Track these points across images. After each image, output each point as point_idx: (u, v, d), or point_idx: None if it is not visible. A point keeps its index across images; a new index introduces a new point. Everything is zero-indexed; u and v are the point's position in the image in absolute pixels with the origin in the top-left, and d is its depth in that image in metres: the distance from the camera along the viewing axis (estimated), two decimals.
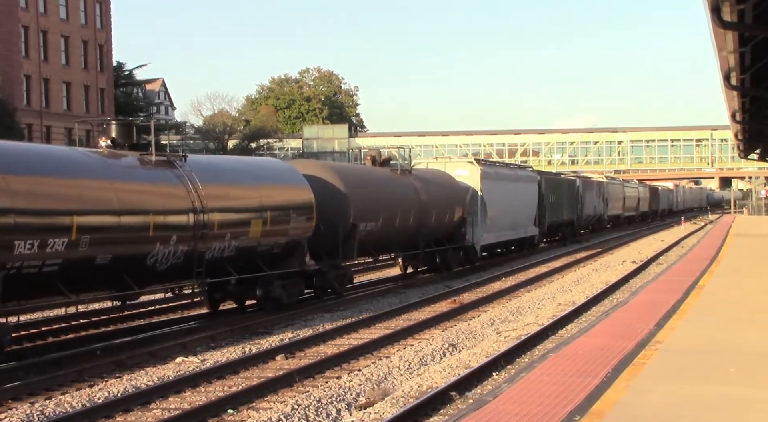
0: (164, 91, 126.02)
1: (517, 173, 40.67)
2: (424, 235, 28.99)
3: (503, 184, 36.20)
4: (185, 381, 14.23)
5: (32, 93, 65.61)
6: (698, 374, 11.37)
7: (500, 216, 35.04)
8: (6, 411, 12.62)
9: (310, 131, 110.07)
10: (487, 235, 33.64)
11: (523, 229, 39.78)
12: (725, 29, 14.40)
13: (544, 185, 44.52)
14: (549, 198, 45.27)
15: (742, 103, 23.89)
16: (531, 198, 41.27)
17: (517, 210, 38.00)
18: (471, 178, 33.07)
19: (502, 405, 9.92)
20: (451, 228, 31.18)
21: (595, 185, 60.92)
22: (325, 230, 22.74)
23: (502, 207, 34.98)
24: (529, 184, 41.57)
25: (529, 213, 40.94)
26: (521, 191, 39.34)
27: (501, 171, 37.88)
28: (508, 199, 36.33)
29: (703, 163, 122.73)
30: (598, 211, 61.55)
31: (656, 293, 20.54)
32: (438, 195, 29.69)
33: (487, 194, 33.38)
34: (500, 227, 35.54)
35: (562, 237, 51.75)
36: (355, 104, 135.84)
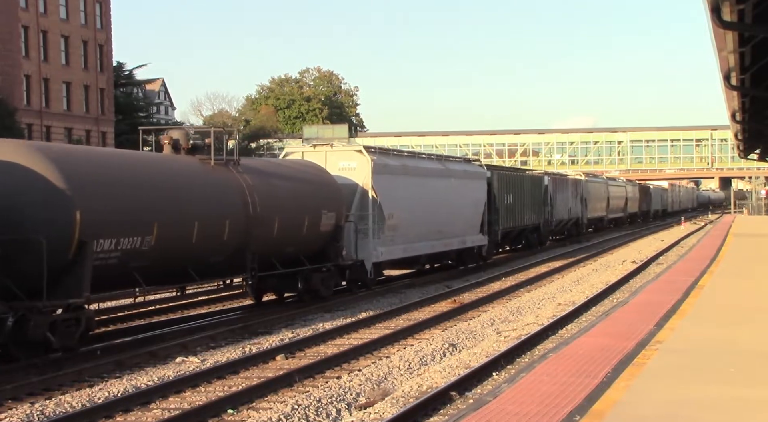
0: (164, 91, 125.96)
1: (449, 167, 31.79)
2: (262, 253, 20.29)
3: (415, 180, 27.98)
4: (185, 381, 14.22)
5: (32, 93, 65.60)
6: (698, 374, 11.37)
7: (412, 223, 27.26)
8: (6, 411, 12.62)
9: (310, 131, 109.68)
10: (386, 249, 25.64)
11: (460, 239, 31.61)
12: (725, 29, 14.41)
13: (497, 183, 36.49)
14: (503, 199, 37.40)
15: (742, 103, 23.90)
16: (474, 199, 33.10)
17: (447, 214, 30.13)
18: (360, 173, 25.02)
19: (502, 405, 9.92)
20: (315, 242, 22.61)
21: (569, 184, 52.67)
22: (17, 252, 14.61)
23: (415, 211, 27.40)
24: (472, 181, 33.14)
25: (472, 217, 32.88)
26: (456, 190, 31.24)
27: (411, 163, 28.59)
28: (429, 200, 28.69)
29: (703, 162, 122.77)
30: (574, 214, 53.09)
31: (656, 293, 20.53)
32: (287, 196, 21.53)
33: (385, 194, 25.43)
34: (413, 237, 27.57)
35: (526, 246, 44.12)
36: (355, 104, 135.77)
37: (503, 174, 38.87)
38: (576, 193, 53.76)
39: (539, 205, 44.20)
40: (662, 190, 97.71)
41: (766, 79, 19.87)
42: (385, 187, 25.57)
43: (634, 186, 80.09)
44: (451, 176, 31.29)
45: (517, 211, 39.73)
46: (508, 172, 41.45)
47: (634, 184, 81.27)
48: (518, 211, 39.90)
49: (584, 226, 57.47)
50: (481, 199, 33.86)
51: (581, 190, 55.37)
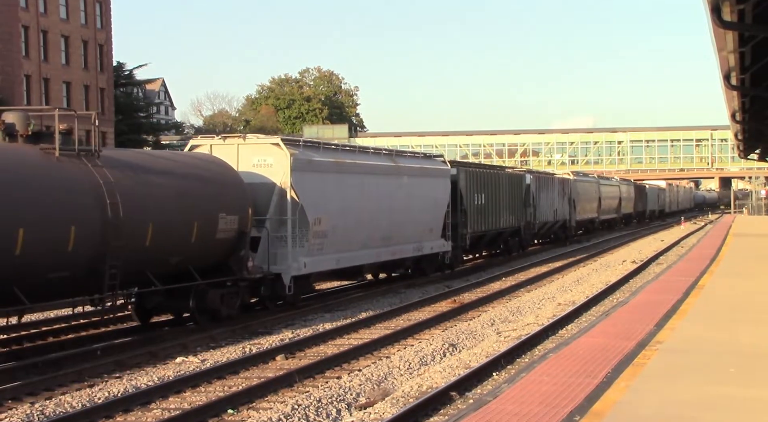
0: (164, 91, 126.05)
1: (401, 164, 27.37)
2: (132, 266, 16.79)
3: (353, 179, 23.98)
4: (185, 381, 14.23)
5: (32, 93, 65.57)
6: (698, 374, 11.37)
7: (349, 229, 23.44)
8: (6, 411, 12.63)
9: (310, 131, 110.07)
10: (312, 260, 21.81)
11: (415, 245, 27.78)
12: (725, 29, 14.42)
13: (465, 182, 32.44)
14: (473, 199, 33.21)
15: (742, 103, 23.91)
16: (434, 199, 29.19)
17: (397, 218, 26.25)
18: (277, 170, 21.28)
19: (502, 405, 9.92)
20: (211, 252, 19.00)
21: (556, 183, 48.32)
22: None
23: (352, 214, 23.65)
24: (431, 179, 29.12)
25: (431, 221, 28.94)
26: (410, 190, 27.18)
27: (347, 159, 24.15)
28: (372, 201, 24.82)
29: (703, 162, 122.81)
30: (561, 216, 48.96)
31: (656, 293, 20.53)
32: (168, 196, 17.76)
33: (310, 195, 21.62)
34: (351, 245, 23.75)
35: (505, 251, 40.00)
36: (355, 104, 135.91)
37: (473, 171, 34.16)
38: (563, 193, 49.71)
39: (519, 206, 39.92)
40: (659, 190, 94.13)
41: (766, 79, 19.88)
42: (311, 187, 21.74)
43: (629, 185, 76.11)
44: (403, 174, 27.09)
45: (491, 212, 35.50)
46: (479, 169, 36.15)
47: (629, 183, 77.29)
48: (492, 212, 35.64)
49: (572, 229, 52.93)
50: (444, 199, 29.84)
51: (569, 190, 51.18)
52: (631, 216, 77.14)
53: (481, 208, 34.26)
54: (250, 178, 20.82)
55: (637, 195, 78.57)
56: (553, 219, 47.16)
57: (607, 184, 65.24)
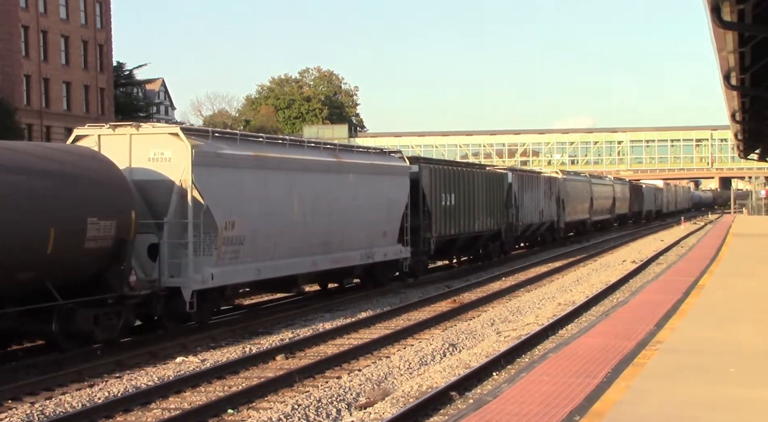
0: (164, 91, 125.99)
1: (344, 160, 24.03)
2: None
3: (278, 177, 20.83)
4: (185, 381, 14.24)
5: (32, 93, 65.63)
6: (698, 374, 11.37)
7: (274, 234, 20.46)
8: (6, 411, 12.63)
9: (310, 131, 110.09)
10: (223, 270, 18.73)
11: (363, 252, 24.52)
12: (725, 29, 14.42)
13: (430, 180, 29.43)
14: (439, 199, 30.09)
15: (742, 103, 23.92)
16: (388, 200, 25.96)
17: (339, 220, 23.15)
18: (177, 165, 18.08)
19: (502, 405, 9.92)
20: (79, 264, 15.97)
21: (542, 182, 45.04)
22: None
23: (279, 217, 20.63)
24: (385, 177, 25.90)
25: (384, 223, 25.67)
26: (356, 189, 24.17)
27: (271, 153, 20.80)
28: (305, 202, 21.75)
29: (703, 162, 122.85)
30: (548, 217, 45.87)
31: (656, 293, 20.54)
32: (13, 196, 14.74)
33: (220, 194, 18.65)
34: (278, 252, 20.68)
35: (484, 256, 36.59)
36: (355, 104, 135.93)
37: (439, 169, 30.68)
38: (550, 192, 46.50)
39: (499, 206, 36.70)
40: (656, 190, 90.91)
41: (766, 79, 19.89)
42: (221, 185, 18.74)
43: (624, 185, 73.07)
44: (347, 171, 23.85)
45: (463, 214, 32.26)
46: (447, 166, 32.50)
47: (623, 182, 74.12)
48: (464, 214, 32.40)
49: (561, 231, 49.88)
50: (400, 199, 26.59)
51: (557, 190, 48.08)
52: (626, 216, 74.54)
53: (450, 209, 31.04)
54: (145, 175, 17.99)
55: (633, 195, 75.88)
56: (539, 220, 44.07)
57: (599, 184, 62.30)
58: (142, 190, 17.89)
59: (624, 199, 71.39)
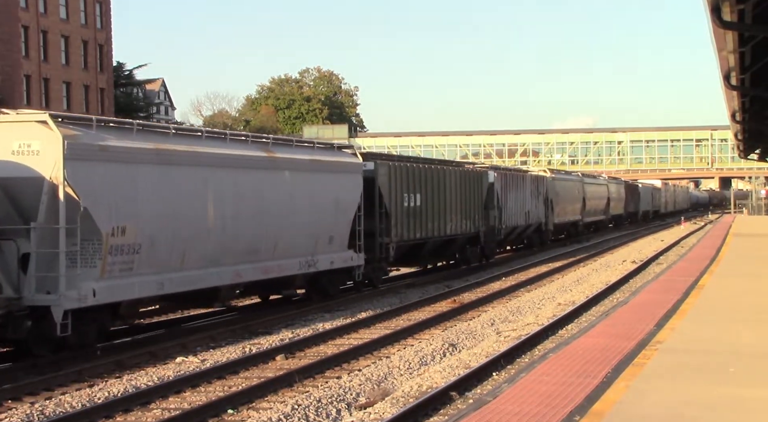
0: (164, 91, 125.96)
1: (279, 155, 21.14)
2: None
3: (188, 173, 18.05)
4: (185, 381, 14.24)
5: (32, 93, 65.63)
6: (698, 374, 11.38)
7: (179, 240, 17.68)
8: (6, 411, 12.63)
9: (310, 131, 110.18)
10: (110, 284, 16.01)
11: (304, 259, 21.76)
12: (725, 29, 14.42)
13: (389, 178, 26.37)
14: (401, 200, 27.13)
15: (742, 103, 23.92)
16: (336, 201, 23.08)
17: (271, 224, 20.48)
18: (47, 159, 15.44)
19: (502, 405, 9.92)
20: None
21: (527, 181, 42.04)
22: None
23: (186, 220, 17.85)
24: (332, 175, 23.12)
25: (331, 227, 22.92)
26: (294, 188, 21.40)
27: (176, 145, 17.88)
28: (224, 203, 19.02)
29: (703, 163, 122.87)
30: (535, 218, 42.96)
31: (656, 293, 20.54)
32: None
33: (101, 193, 15.92)
34: (183, 262, 17.85)
35: (461, 261, 33.84)
36: (355, 104, 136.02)
37: (401, 166, 27.48)
38: (538, 192, 43.69)
39: (478, 208, 33.66)
40: (653, 189, 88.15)
41: (766, 79, 19.89)
42: (106, 184, 15.99)
43: (619, 184, 70.37)
44: (281, 168, 21.10)
45: (432, 216, 29.34)
46: (411, 163, 29.03)
47: (618, 182, 71.48)
48: (433, 216, 29.44)
49: (549, 233, 47.23)
50: (351, 200, 23.80)
51: (545, 189, 45.27)
52: (622, 217, 72.18)
53: (415, 210, 28.02)
54: (9, 171, 15.29)
55: (629, 195, 73.29)
56: (524, 222, 41.03)
57: (592, 183, 59.30)
58: (6, 188, 15.28)
59: (619, 199, 69.05)
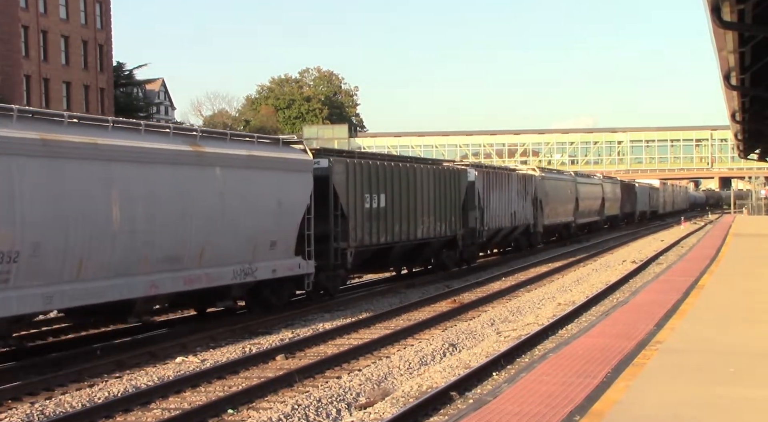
0: (164, 91, 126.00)
1: (204, 148, 18.55)
2: None
3: (85, 168, 15.68)
4: (185, 381, 14.24)
5: (32, 93, 65.63)
6: (698, 374, 11.38)
7: (75, 247, 15.33)
8: (6, 411, 12.64)
9: (310, 131, 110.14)
10: None
11: (239, 267, 19.31)
12: (725, 29, 14.42)
13: (346, 177, 23.94)
14: (361, 201, 24.68)
15: (742, 103, 23.91)
16: (279, 202, 20.56)
17: (196, 228, 18.04)
18: None
19: (502, 405, 9.92)
20: None
21: (514, 180, 39.53)
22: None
23: (84, 224, 15.53)
24: (274, 173, 20.56)
25: (272, 231, 20.35)
26: (223, 187, 18.90)
27: (71, 135, 15.55)
28: (136, 204, 16.68)
29: (703, 163, 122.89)
30: (522, 220, 40.55)
31: (656, 293, 20.54)
32: None
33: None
34: (81, 272, 15.50)
35: (437, 266, 31.63)
36: (355, 104, 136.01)
37: (362, 164, 25.01)
38: (525, 192, 41.35)
39: (455, 209, 31.32)
40: (651, 189, 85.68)
41: (766, 79, 19.88)
42: None
43: (615, 184, 68.22)
44: (211, 164, 18.64)
45: (398, 218, 26.87)
46: (374, 160, 26.51)
47: (614, 181, 69.36)
48: (401, 218, 27.04)
49: (538, 235, 44.98)
50: (298, 201, 21.28)
51: (534, 189, 42.90)
52: (618, 218, 70.10)
53: (379, 212, 25.61)
54: None
55: (625, 194, 71.31)
56: (510, 224, 38.70)
57: (586, 183, 57.09)
58: None
59: (615, 200, 67.00)
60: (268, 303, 21.43)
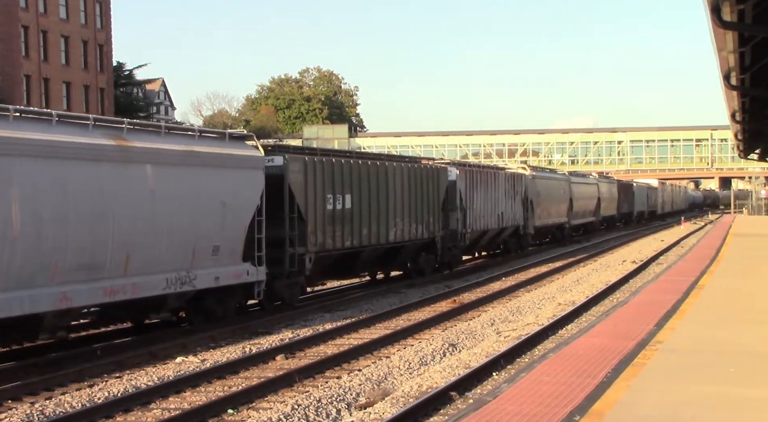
0: (164, 91, 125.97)
1: (131, 142, 16.69)
2: None
3: None
4: (185, 381, 14.24)
5: (32, 93, 65.63)
6: (698, 374, 11.38)
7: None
8: (6, 411, 12.64)
9: (310, 131, 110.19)
10: None
11: (174, 275, 17.44)
12: (725, 29, 14.41)
13: (304, 176, 21.85)
14: (323, 201, 22.61)
15: (742, 103, 23.90)
16: (222, 202, 18.57)
17: (119, 231, 16.08)
18: None
19: (502, 405, 9.92)
20: None
21: (501, 179, 37.44)
22: None
23: None
24: (217, 170, 18.55)
25: (214, 235, 18.36)
26: (153, 186, 17.02)
27: None
28: (37, 203, 14.75)
29: (703, 163, 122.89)
30: (510, 221, 38.41)
31: (656, 293, 20.54)
32: None
33: None
34: None
35: (414, 271, 29.56)
36: (355, 104, 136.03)
37: (324, 161, 22.89)
38: (514, 192, 39.21)
39: (433, 210, 29.29)
40: (649, 189, 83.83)
41: (766, 79, 19.87)
42: None
43: (611, 183, 66.13)
44: (139, 161, 16.72)
45: (367, 221, 24.80)
46: (336, 157, 24.39)
47: (610, 181, 67.37)
48: (370, 221, 24.95)
49: (528, 237, 42.89)
50: (246, 202, 19.37)
51: (523, 189, 40.89)
52: (614, 219, 68.10)
53: (344, 214, 23.58)
54: None
55: (622, 194, 69.21)
56: (497, 225, 36.63)
57: (580, 182, 54.92)
58: None
59: (611, 200, 64.85)
60: (213, 314, 19.39)
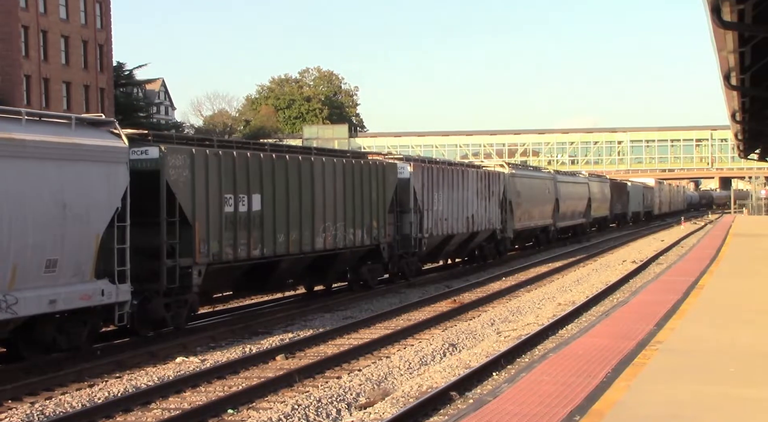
0: (164, 91, 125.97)
1: None
2: None
3: None
4: (185, 381, 14.24)
5: (32, 93, 65.59)
6: (698, 374, 11.38)
7: None
8: (6, 411, 12.64)
9: (310, 131, 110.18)
10: None
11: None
12: (725, 29, 14.41)
13: (190, 173, 18.11)
14: (219, 203, 18.88)
15: (742, 103, 23.88)
16: (65, 206, 14.79)
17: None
18: None
19: (502, 405, 9.92)
20: None
21: (471, 178, 33.10)
22: None
23: None
24: (55, 164, 14.73)
25: (53, 247, 14.61)
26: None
27: None
28: None
29: (703, 163, 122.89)
30: (483, 225, 34.00)
31: (656, 293, 20.54)
32: None
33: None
34: None
35: (354, 281, 25.93)
36: (355, 104, 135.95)
37: (215, 154, 19.03)
38: (489, 192, 34.89)
39: (378, 212, 25.57)
40: (645, 189, 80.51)
41: (766, 79, 19.86)
42: None
43: (603, 183, 62.02)
44: None
45: (284, 225, 21.00)
46: (238, 149, 20.19)
47: (603, 180, 63.17)
48: (288, 225, 21.15)
49: (508, 242, 38.67)
50: (101, 204, 15.57)
51: (500, 189, 36.55)
52: (607, 220, 64.54)
53: (249, 218, 19.82)
54: None
55: (615, 194, 65.66)
56: (466, 230, 32.35)
57: (568, 181, 50.91)
58: None
59: (603, 200, 60.92)
60: (54, 346, 15.40)
